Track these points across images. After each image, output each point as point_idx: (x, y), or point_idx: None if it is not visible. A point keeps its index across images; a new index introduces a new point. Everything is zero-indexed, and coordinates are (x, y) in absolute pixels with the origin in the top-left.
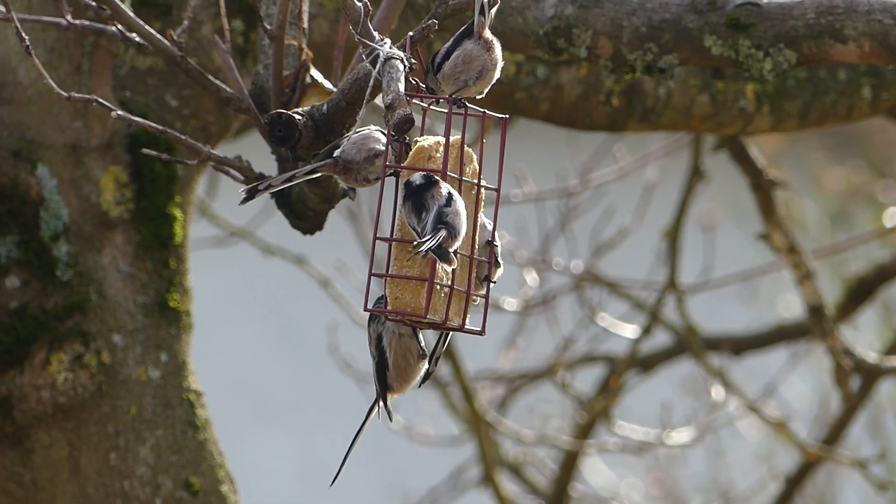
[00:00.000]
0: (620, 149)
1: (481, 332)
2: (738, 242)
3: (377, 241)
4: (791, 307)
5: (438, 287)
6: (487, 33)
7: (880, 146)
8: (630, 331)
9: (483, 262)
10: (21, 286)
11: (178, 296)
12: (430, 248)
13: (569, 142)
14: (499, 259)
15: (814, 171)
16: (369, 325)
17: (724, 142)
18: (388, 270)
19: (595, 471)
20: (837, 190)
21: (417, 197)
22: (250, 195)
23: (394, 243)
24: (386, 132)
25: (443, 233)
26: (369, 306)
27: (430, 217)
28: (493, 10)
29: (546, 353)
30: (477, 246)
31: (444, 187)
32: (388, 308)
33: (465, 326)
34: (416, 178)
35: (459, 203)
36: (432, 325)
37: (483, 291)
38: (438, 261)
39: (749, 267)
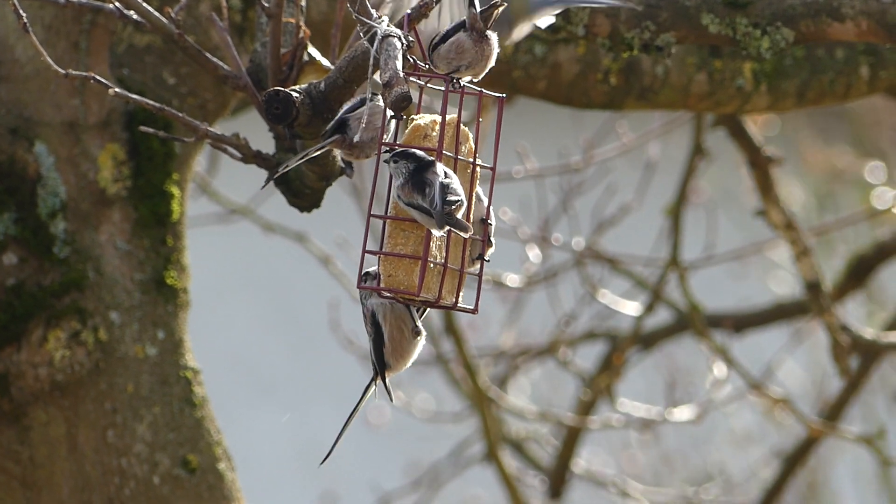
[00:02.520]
0: (623, 125)
1: (474, 311)
2: (724, 223)
3: (372, 217)
4: (782, 284)
5: (432, 265)
6: (480, 25)
7: (868, 127)
8: (632, 308)
9: (476, 241)
10: (18, 263)
11: (176, 273)
12: (446, 221)
13: (572, 119)
14: (491, 238)
15: (801, 152)
16: (363, 305)
17: (722, 118)
18: (381, 248)
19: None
20: (824, 170)
21: (417, 176)
22: (271, 179)
23: (388, 221)
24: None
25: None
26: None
27: (436, 190)
28: (497, 12)
29: (547, 330)
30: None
31: (440, 166)
32: (382, 286)
33: (458, 304)
34: (412, 157)
35: (453, 175)
36: (425, 304)
37: (476, 269)
38: (458, 232)
39: (738, 245)
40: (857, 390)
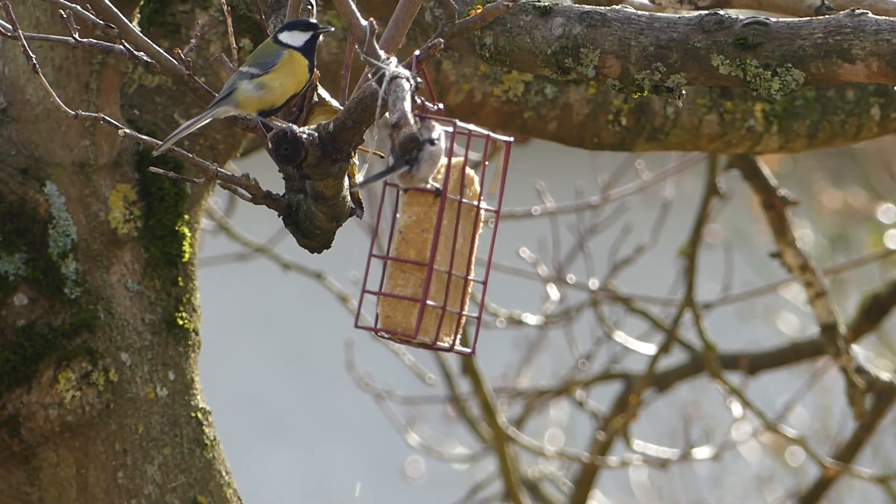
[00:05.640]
0: (641, 163)
1: (471, 353)
2: (737, 263)
3: (373, 258)
4: (790, 325)
5: (430, 307)
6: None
7: (880, 167)
8: (647, 348)
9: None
10: (29, 304)
11: (187, 314)
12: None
13: (588, 158)
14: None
15: (814, 193)
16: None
17: (736, 160)
18: (381, 289)
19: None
20: (836, 211)
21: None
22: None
23: (389, 262)
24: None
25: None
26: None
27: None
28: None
29: (563, 370)
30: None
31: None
32: (379, 326)
33: (455, 347)
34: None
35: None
36: (422, 346)
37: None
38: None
39: (750, 286)
40: (871, 432)
